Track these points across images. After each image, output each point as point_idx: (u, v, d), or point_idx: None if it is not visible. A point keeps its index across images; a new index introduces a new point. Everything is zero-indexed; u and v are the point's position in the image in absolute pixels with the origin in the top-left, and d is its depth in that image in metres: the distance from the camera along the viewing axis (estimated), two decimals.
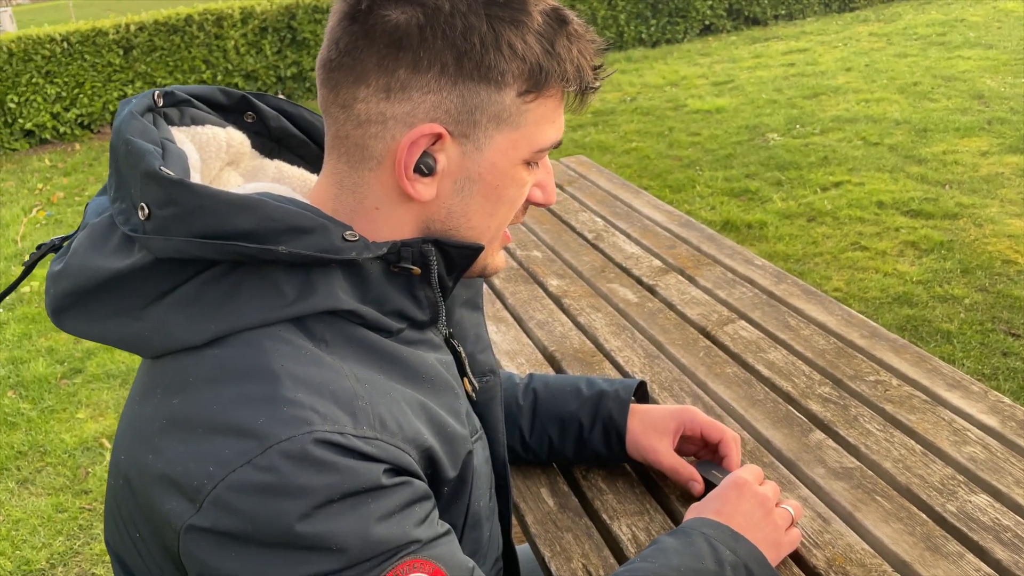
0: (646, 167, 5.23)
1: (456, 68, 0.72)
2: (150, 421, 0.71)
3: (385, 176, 0.76)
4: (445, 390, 0.81)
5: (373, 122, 0.74)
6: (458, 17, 0.72)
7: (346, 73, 0.74)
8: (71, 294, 0.73)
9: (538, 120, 0.77)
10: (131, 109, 0.76)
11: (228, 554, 0.65)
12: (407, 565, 0.67)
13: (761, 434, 1.22)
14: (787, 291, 1.63)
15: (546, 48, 0.75)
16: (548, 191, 0.85)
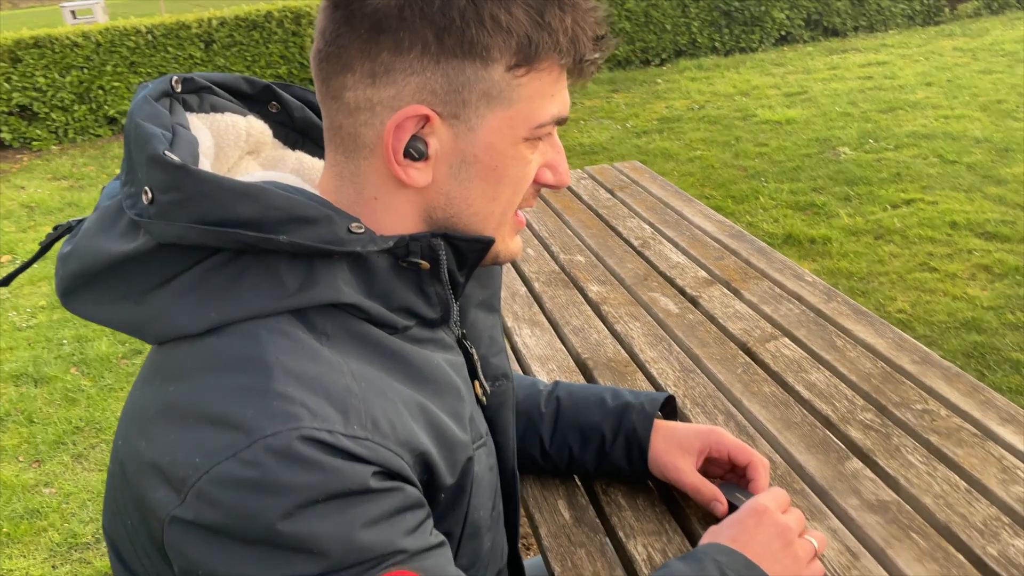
0: (709, 176, 5.13)
1: (438, 46, 0.70)
2: (147, 407, 0.70)
3: (379, 164, 0.74)
4: (449, 392, 0.78)
5: (362, 109, 0.73)
6: None
7: (333, 63, 0.73)
8: (79, 276, 0.73)
9: (533, 95, 0.74)
10: (146, 93, 0.76)
11: (210, 548, 0.64)
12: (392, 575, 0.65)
13: (794, 458, 1.17)
14: (836, 310, 1.56)
15: (535, 19, 0.71)
16: (560, 172, 0.81)
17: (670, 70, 8.54)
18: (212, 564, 0.64)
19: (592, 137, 6.23)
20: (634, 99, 7.45)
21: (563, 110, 0.78)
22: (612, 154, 5.77)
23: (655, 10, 8.68)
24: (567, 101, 0.78)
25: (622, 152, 5.78)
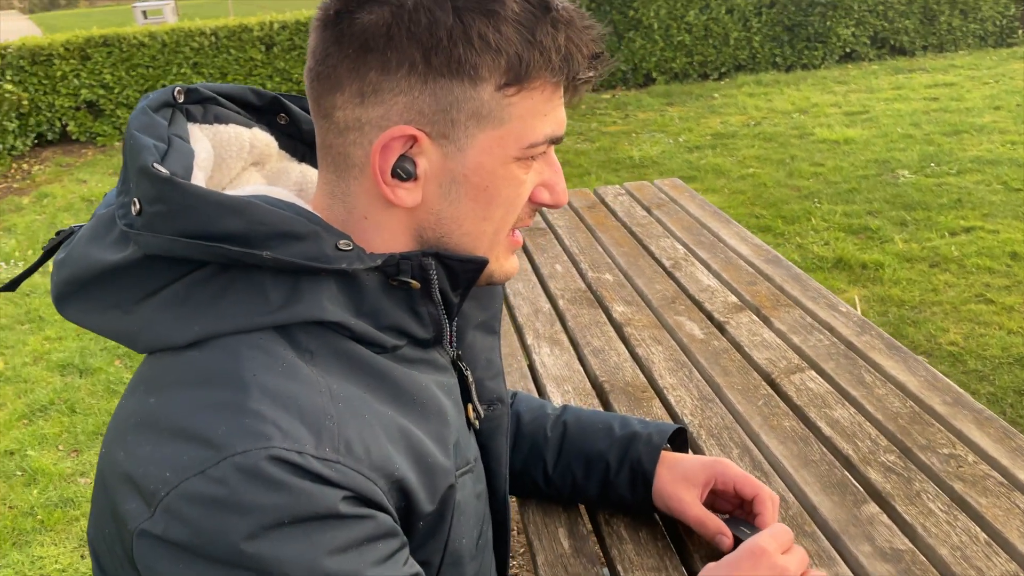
0: (761, 195, 5.03)
1: (425, 65, 0.68)
2: (128, 417, 0.70)
3: (368, 184, 0.73)
4: (434, 416, 0.77)
5: (351, 129, 0.72)
6: (423, 12, 0.68)
7: (323, 82, 0.72)
8: (71, 282, 0.73)
9: (525, 114, 0.72)
10: (145, 104, 0.76)
11: (176, 564, 0.63)
12: None
13: (808, 499, 1.12)
14: (869, 343, 1.50)
15: (526, 37, 0.69)
16: (556, 192, 0.79)
17: (728, 85, 8.43)
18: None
19: (643, 151, 6.17)
20: (689, 113, 7.37)
21: (557, 129, 0.75)
22: (662, 168, 5.71)
23: (715, 24, 8.58)
24: (562, 120, 0.76)
25: (672, 167, 5.71)
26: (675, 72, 8.71)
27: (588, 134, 6.88)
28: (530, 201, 0.79)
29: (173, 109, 0.79)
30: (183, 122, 0.79)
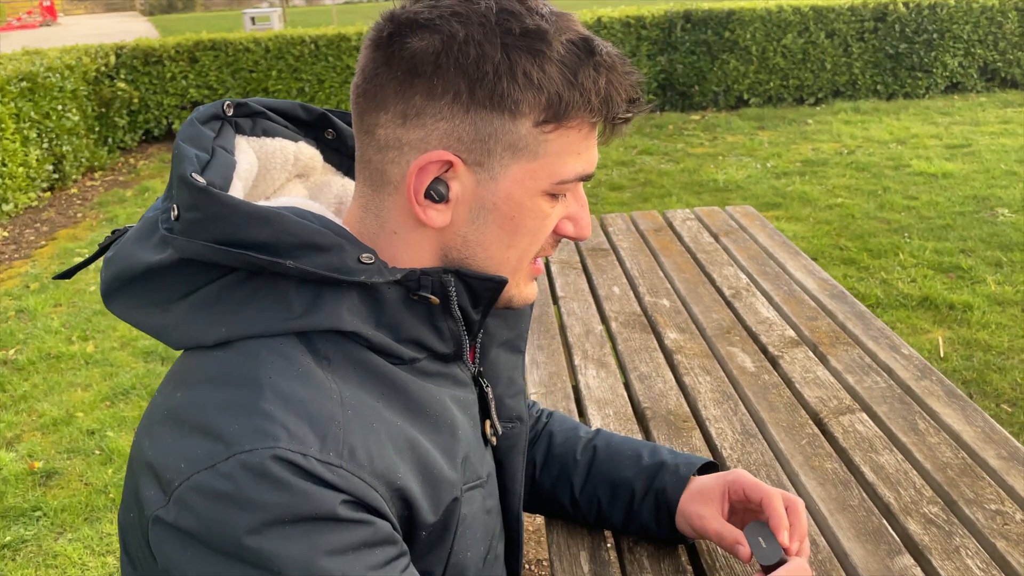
0: (847, 226, 4.89)
1: (469, 96, 0.71)
2: (156, 409, 0.74)
3: (401, 201, 0.76)
4: (444, 429, 0.78)
5: (391, 147, 0.74)
6: (472, 45, 0.70)
7: (369, 99, 0.75)
8: (116, 279, 0.78)
9: (560, 151, 0.74)
10: (194, 116, 0.80)
11: (184, 552, 0.66)
12: None
13: (840, 545, 1.09)
14: (927, 389, 1.45)
15: (568, 78, 0.71)
16: (580, 225, 0.81)
17: (824, 111, 8.22)
18: (184, 567, 0.66)
19: (728, 175, 6.07)
20: (779, 138, 7.22)
21: (588, 168, 0.77)
22: (746, 193, 5.61)
23: (814, 47, 8.38)
24: (594, 159, 0.78)
25: (756, 192, 5.61)
26: (769, 95, 8.55)
27: (673, 155, 6.82)
28: (554, 232, 0.80)
29: (223, 121, 0.83)
30: (231, 134, 0.83)
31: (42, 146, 6.27)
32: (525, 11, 0.72)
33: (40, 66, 6.36)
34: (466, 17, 0.71)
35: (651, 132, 7.69)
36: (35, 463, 2.87)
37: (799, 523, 0.97)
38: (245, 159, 0.82)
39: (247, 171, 0.81)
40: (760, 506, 1.00)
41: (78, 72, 6.98)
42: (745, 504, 1.02)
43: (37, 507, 2.63)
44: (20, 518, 2.59)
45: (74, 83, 6.84)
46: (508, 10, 0.71)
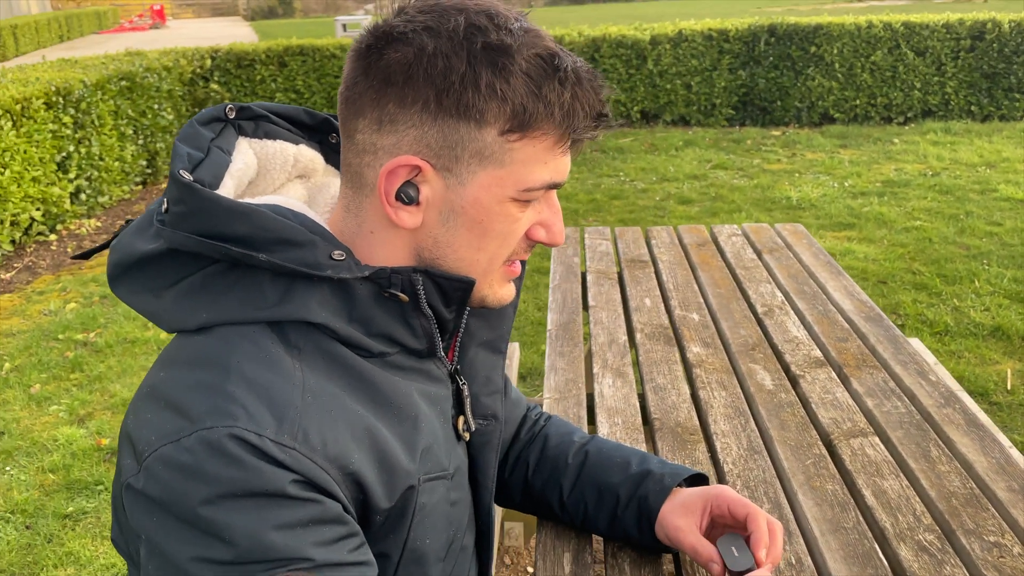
0: (923, 250, 4.73)
1: (437, 105, 0.75)
2: (144, 386, 0.80)
3: (376, 203, 0.80)
4: (408, 421, 0.82)
5: (367, 152, 0.79)
6: (440, 57, 0.74)
7: (349, 106, 0.80)
8: (118, 266, 0.85)
9: (526, 160, 0.77)
10: (194, 118, 0.87)
11: (149, 517, 0.72)
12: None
13: (827, 566, 1.08)
14: (948, 417, 1.42)
15: (532, 90, 0.75)
16: (553, 232, 0.84)
17: (912, 131, 7.96)
18: (149, 531, 0.72)
19: (802, 192, 5.95)
20: (861, 157, 7.03)
21: (556, 176, 0.80)
22: (818, 212, 5.48)
23: (904, 65, 8.13)
24: (562, 168, 0.81)
25: (830, 212, 5.48)
26: (855, 113, 8.33)
27: (748, 170, 6.72)
28: (527, 237, 0.84)
29: (225, 124, 0.90)
30: (232, 136, 0.89)
31: (137, 142, 6.61)
32: (492, 27, 0.76)
33: (139, 67, 6.71)
34: (437, 32, 0.75)
35: (728, 147, 7.60)
36: (102, 440, 3.04)
37: (775, 547, 0.98)
38: (241, 159, 0.88)
39: (241, 170, 0.87)
40: (743, 522, 1.01)
41: (175, 73, 7.34)
42: (727, 520, 1.03)
43: (100, 481, 2.79)
44: (83, 491, 2.75)
45: (170, 83, 7.19)
46: (476, 26, 0.75)
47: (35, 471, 2.87)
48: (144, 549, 0.74)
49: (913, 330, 3.74)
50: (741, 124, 8.56)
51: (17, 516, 2.63)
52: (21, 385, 3.51)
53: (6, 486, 2.79)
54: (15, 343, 3.95)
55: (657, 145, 7.72)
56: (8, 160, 4.95)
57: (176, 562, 0.70)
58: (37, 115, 5.26)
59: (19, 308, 4.43)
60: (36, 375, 3.59)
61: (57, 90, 5.50)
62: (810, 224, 5.23)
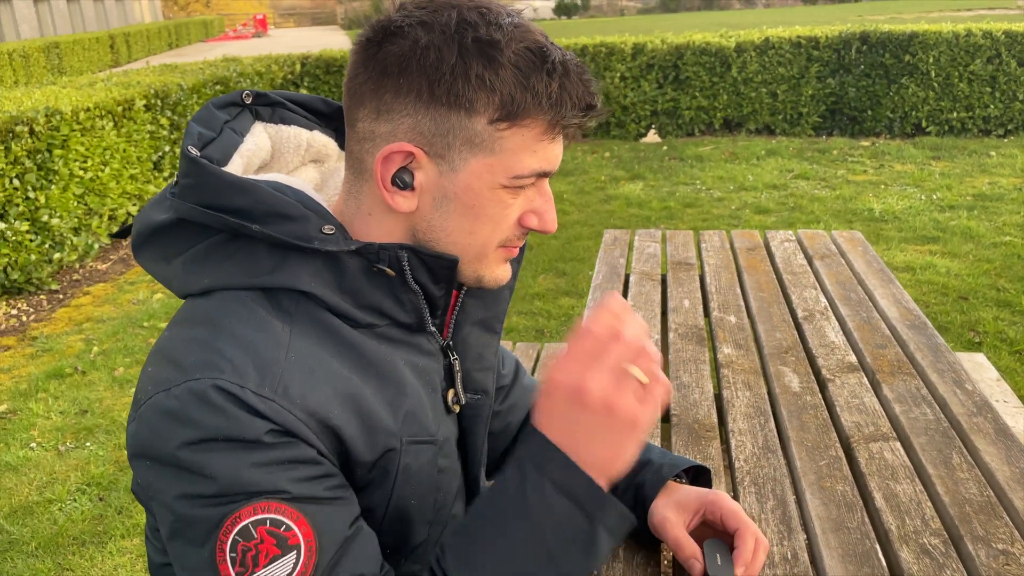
0: (1010, 266, 4.52)
1: (429, 94, 0.80)
2: (155, 345, 0.88)
3: (374, 188, 0.85)
4: (391, 386, 0.87)
5: (367, 139, 0.84)
6: (432, 50, 0.79)
7: (352, 96, 0.85)
8: (138, 236, 0.93)
9: (516, 148, 0.81)
10: (211, 102, 0.94)
11: (141, 462, 0.80)
12: (270, 506, 0.76)
13: (822, 561, 1.08)
14: (978, 425, 1.38)
15: (520, 81, 0.79)
16: (545, 220, 0.87)
17: (1011, 143, 7.60)
18: (143, 474, 0.80)
19: (886, 204, 5.76)
20: (954, 169, 6.75)
21: (546, 165, 0.84)
22: (901, 225, 5.30)
23: (1004, 75, 7.77)
24: (553, 157, 0.84)
25: (914, 225, 5.29)
26: (950, 124, 8.01)
27: (831, 181, 6.55)
28: (519, 224, 0.88)
29: (242, 108, 0.97)
30: (248, 119, 0.97)
31: None
32: (483, 23, 0.80)
33: (233, 72, 7.03)
34: (430, 26, 0.80)
35: (812, 156, 7.42)
36: None
37: (755, 565, 1.00)
38: (253, 140, 0.95)
39: (251, 151, 0.94)
40: (732, 534, 1.02)
41: (267, 78, 7.65)
42: (717, 526, 1.04)
43: None
44: None
45: (263, 88, 7.49)
46: (468, 21, 0.80)
47: (112, 447, 3.06)
48: (145, 495, 0.82)
49: (991, 348, 3.59)
50: (828, 134, 8.35)
51: (92, 488, 2.80)
52: (106, 368, 3.74)
53: (85, 460, 2.98)
54: (104, 329, 4.20)
55: (738, 154, 7.60)
56: (108, 158, 5.27)
57: (166, 501, 0.77)
58: (137, 116, 5.58)
59: (111, 297, 4.71)
60: (121, 359, 3.82)
61: (156, 93, 5.82)
62: (891, 237, 5.07)
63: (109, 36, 22.19)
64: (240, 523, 0.75)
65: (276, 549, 0.75)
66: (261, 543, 0.75)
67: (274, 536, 0.75)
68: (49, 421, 3.28)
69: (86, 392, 3.51)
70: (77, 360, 3.83)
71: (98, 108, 5.16)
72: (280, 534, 0.75)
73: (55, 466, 2.95)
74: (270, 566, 0.75)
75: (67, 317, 4.42)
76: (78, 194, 5.02)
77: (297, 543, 0.76)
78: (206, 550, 0.75)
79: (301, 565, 0.76)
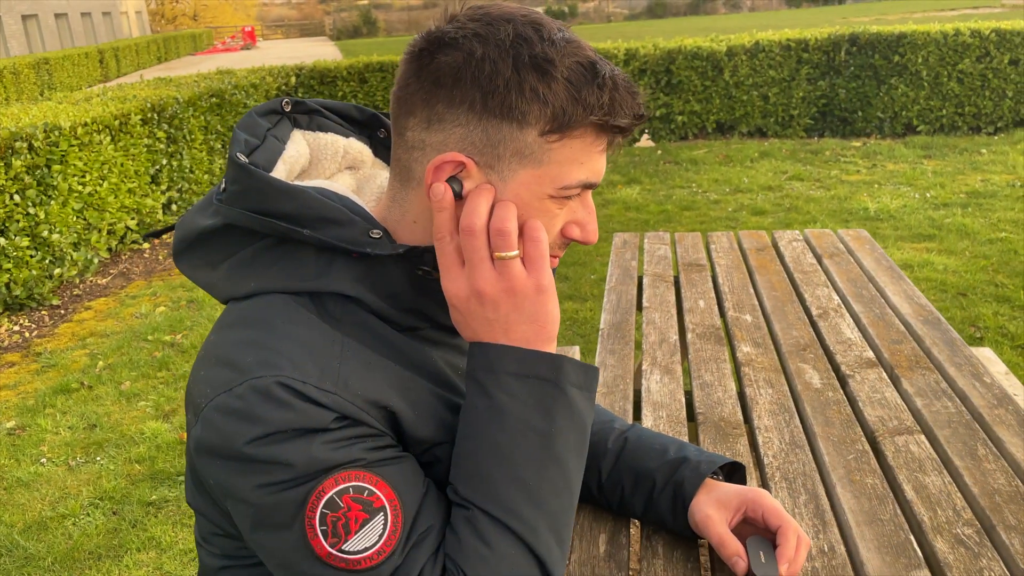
0: (1007, 262, 4.57)
1: (482, 106, 0.81)
2: (201, 351, 0.89)
3: (422, 195, 0.87)
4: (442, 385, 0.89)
5: (416, 148, 0.86)
6: (488, 63, 0.80)
7: (401, 105, 0.86)
8: (181, 242, 0.94)
9: (564, 160, 0.83)
10: (253, 110, 0.96)
11: (211, 462, 0.81)
12: (350, 474, 0.78)
13: (858, 553, 1.10)
14: (1000, 417, 1.40)
15: (572, 94, 0.80)
16: (587, 230, 0.89)
17: (1001, 141, 7.67)
18: (216, 475, 0.81)
19: (880, 203, 5.81)
20: (946, 167, 6.81)
21: (592, 177, 0.85)
22: (897, 223, 5.35)
23: (994, 74, 7.85)
24: (598, 169, 0.86)
25: (910, 223, 5.33)
26: (940, 123, 8.08)
27: (825, 181, 6.59)
28: (562, 235, 0.89)
29: (281, 116, 0.98)
30: (287, 127, 0.98)
31: (224, 156, 6.92)
32: (538, 39, 0.81)
33: (228, 84, 7.04)
34: (486, 39, 0.81)
35: (805, 158, 7.47)
36: (184, 434, 3.21)
37: (797, 563, 1.01)
38: (294, 148, 0.96)
39: (293, 157, 0.96)
40: (775, 532, 1.04)
41: (261, 90, 7.66)
42: (759, 524, 1.06)
43: (181, 472, 2.95)
44: (166, 481, 2.91)
45: (257, 99, 7.50)
46: (523, 36, 0.81)
47: (123, 461, 3.06)
48: (220, 494, 0.83)
49: (992, 343, 3.62)
50: (820, 135, 8.41)
51: (105, 503, 2.80)
52: (113, 382, 3.73)
53: (96, 475, 2.98)
54: (108, 343, 4.20)
55: (732, 156, 7.65)
56: (107, 172, 5.27)
57: (243, 495, 0.79)
58: (134, 130, 5.58)
59: (113, 311, 4.70)
60: (127, 373, 3.81)
61: (152, 106, 5.82)
62: (888, 235, 5.11)
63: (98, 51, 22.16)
64: (325, 496, 0.77)
65: (364, 514, 0.78)
66: (349, 511, 0.77)
67: (359, 502, 0.78)
68: (58, 436, 3.28)
69: (94, 407, 3.51)
70: (83, 375, 3.83)
71: (95, 123, 5.16)
72: (364, 499, 0.78)
73: (67, 481, 2.95)
74: (362, 531, 0.78)
75: (70, 332, 4.41)
76: (77, 209, 5.02)
77: (382, 505, 0.79)
78: (295, 530, 0.77)
79: (391, 525, 0.79)
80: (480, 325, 0.84)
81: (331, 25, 50.24)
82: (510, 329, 0.84)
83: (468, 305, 0.84)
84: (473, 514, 0.82)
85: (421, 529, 0.81)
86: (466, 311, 0.84)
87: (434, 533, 0.82)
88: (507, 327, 0.84)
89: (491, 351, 0.84)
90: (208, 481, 0.83)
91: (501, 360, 0.84)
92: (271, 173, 0.90)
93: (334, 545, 0.77)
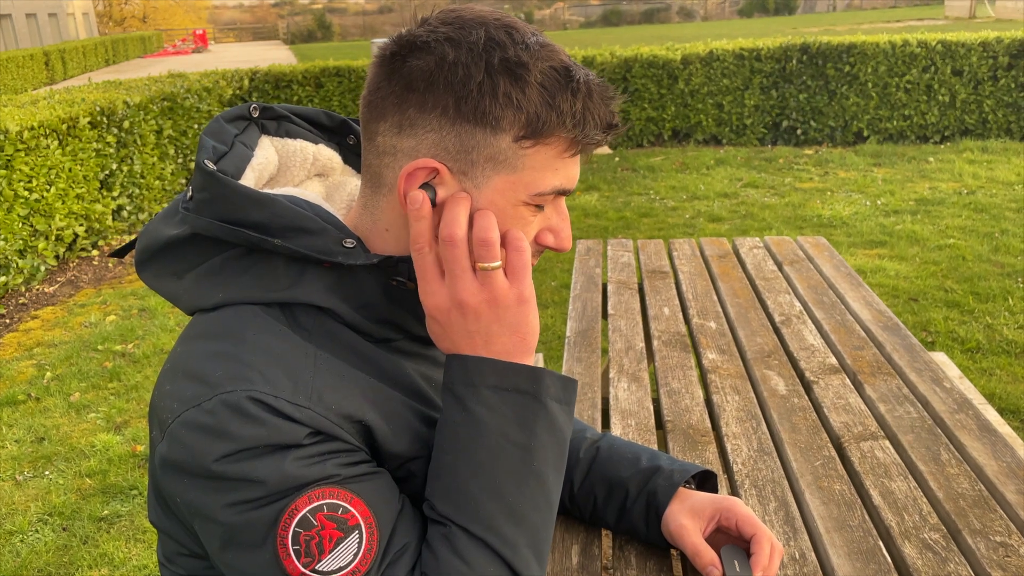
0: (956, 268, 4.68)
1: (455, 111, 0.79)
2: (166, 363, 0.86)
3: (394, 202, 0.85)
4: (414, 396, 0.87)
5: (387, 153, 0.84)
6: (460, 67, 0.78)
7: (372, 110, 0.84)
8: (144, 251, 0.91)
9: (538, 166, 0.81)
10: (220, 115, 0.93)
11: (179, 479, 0.77)
12: (324, 491, 0.75)
13: (829, 560, 1.10)
14: (961, 422, 1.43)
15: (546, 100, 0.79)
16: (560, 237, 0.88)
17: (948, 149, 7.88)
18: (183, 494, 0.78)
19: (833, 210, 5.92)
20: (895, 175, 6.97)
21: (566, 183, 0.84)
22: (850, 230, 5.45)
23: (939, 84, 8.06)
24: (572, 175, 0.85)
25: (862, 230, 5.44)
26: (889, 132, 8.27)
27: (779, 189, 6.70)
28: (536, 243, 0.88)
29: (249, 122, 0.96)
30: (256, 133, 0.95)
31: (177, 161, 6.79)
32: (511, 43, 0.80)
33: (181, 88, 6.91)
34: (458, 43, 0.79)
35: (759, 165, 7.58)
36: (138, 447, 3.13)
37: (772, 569, 1.01)
38: (263, 154, 0.94)
39: (262, 164, 0.93)
40: (748, 540, 1.03)
41: (215, 94, 7.53)
42: (732, 532, 1.05)
43: (134, 486, 2.87)
44: (119, 495, 2.83)
45: (210, 104, 7.38)
46: (496, 39, 0.80)
47: (73, 475, 2.96)
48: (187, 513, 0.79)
49: (944, 347, 3.71)
50: (773, 143, 8.54)
51: (54, 518, 2.71)
52: (61, 393, 3.62)
53: (45, 489, 2.88)
54: (57, 353, 4.08)
55: (688, 164, 7.74)
56: (54, 177, 5.12)
57: (212, 514, 0.76)
58: (82, 134, 5.44)
59: (61, 320, 4.57)
60: (76, 384, 3.70)
61: (102, 110, 5.68)
62: (841, 242, 5.21)
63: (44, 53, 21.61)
64: (298, 514, 0.74)
65: (338, 532, 0.75)
66: (322, 529, 0.75)
67: (334, 520, 0.75)
68: (4, 450, 3.17)
69: (41, 419, 3.40)
70: (30, 386, 3.71)
71: (42, 127, 5.02)
72: (339, 517, 0.75)
73: (14, 496, 2.85)
74: (336, 549, 0.75)
75: (16, 342, 4.27)
76: (23, 215, 4.87)
77: (357, 523, 0.76)
78: (267, 550, 0.74)
79: (366, 543, 0.76)
80: (460, 337, 0.82)
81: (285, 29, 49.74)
82: (491, 340, 0.82)
83: (449, 316, 0.82)
84: (451, 531, 0.80)
85: (397, 547, 0.79)
86: (446, 323, 0.82)
87: (410, 551, 0.80)
88: (488, 339, 0.82)
89: (469, 363, 0.82)
90: (175, 499, 0.80)
91: (480, 373, 0.82)
92: (240, 180, 0.88)
93: (307, 565, 0.74)
